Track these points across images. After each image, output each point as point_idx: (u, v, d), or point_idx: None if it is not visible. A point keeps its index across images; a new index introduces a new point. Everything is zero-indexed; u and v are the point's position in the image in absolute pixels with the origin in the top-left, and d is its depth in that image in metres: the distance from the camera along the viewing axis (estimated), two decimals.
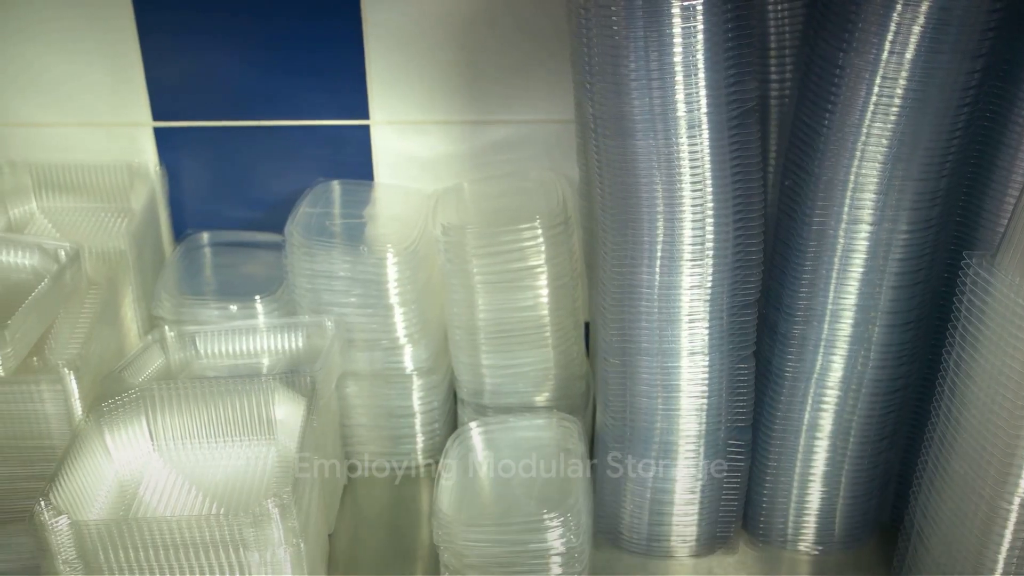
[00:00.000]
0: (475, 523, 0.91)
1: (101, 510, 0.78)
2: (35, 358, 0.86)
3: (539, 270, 0.98)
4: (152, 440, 0.85)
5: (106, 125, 1.09)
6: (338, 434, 1.00)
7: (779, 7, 0.89)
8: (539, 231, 0.96)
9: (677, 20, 0.78)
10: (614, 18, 0.79)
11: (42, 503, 0.70)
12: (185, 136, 1.09)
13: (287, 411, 0.84)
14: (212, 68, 1.06)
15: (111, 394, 0.83)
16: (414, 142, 1.09)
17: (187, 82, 1.07)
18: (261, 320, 1.01)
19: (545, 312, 1.00)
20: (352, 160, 1.10)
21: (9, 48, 1.05)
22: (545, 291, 0.99)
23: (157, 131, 1.09)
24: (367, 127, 1.08)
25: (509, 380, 1.02)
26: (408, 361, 1.03)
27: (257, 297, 1.01)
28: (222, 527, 0.69)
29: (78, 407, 0.84)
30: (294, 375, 0.84)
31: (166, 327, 0.97)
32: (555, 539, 0.88)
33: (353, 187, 1.09)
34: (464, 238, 0.97)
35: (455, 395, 1.08)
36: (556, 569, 0.89)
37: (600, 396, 0.95)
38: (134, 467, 0.83)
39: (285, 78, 1.06)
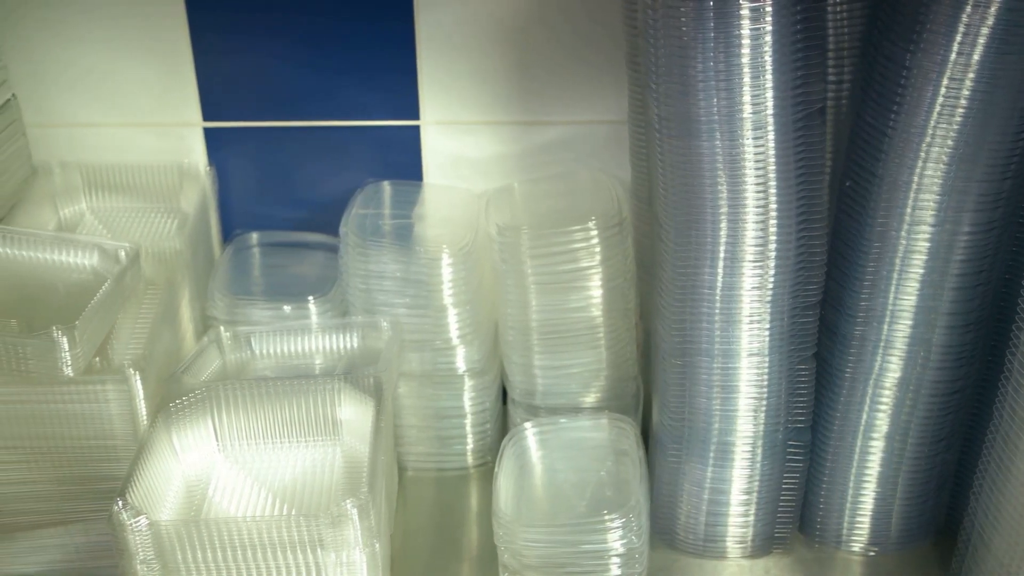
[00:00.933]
0: (536, 523, 0.91)
1: (171, 510, 0.78)
2: (97, 359, 0.86)
3: (594, 271, 0.98)
4: (217, 440, 0.85)
5: (156, 125, 1.09)
6: (393, 435, 1.00)
7: (839, 7, 0.89)
8: (595, 232, 0.96)
9: (746, 21, 0.78)
10: (683, 19, 0.79)
11: (119, 503, 0.70)
12: (234, 136, 1.09)
13: (353, 412, 0.84)
14: (263, 68, 1.06)
15: (176, 395, 0.83)
16: (464, 143, 1.09)
17: (237, 82, 1.07)
18: (314, 321, 1.01)
19: (598, 313, 1.00)
20: (401, 161, 1.10)
21: (60, 49, 1.05)
22: (599, 292, 0.99)
23: (207, 131, 1.09)
24: (417, 128, 1.08)
25: (561, 381, 1.02)
26: (460, 362, 1.03)
27: (310, 298, 1.01)
28: (300, 528, 0.69)
29: (142, 408, 0.84)
30: (361, 375, 0.84)
31: (221, 328, 0.97)
32: (615, 540, 0.89)
33: (403, 187, 1.09)
34: (519, 239, 0.97)
35: (503, 396, 1.08)
36: (615, 570, 0.90)
37: (658, 396, 0.95)
38: (200, 468, 0.83)
39: (336, 78, 1.06)
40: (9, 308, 0.85)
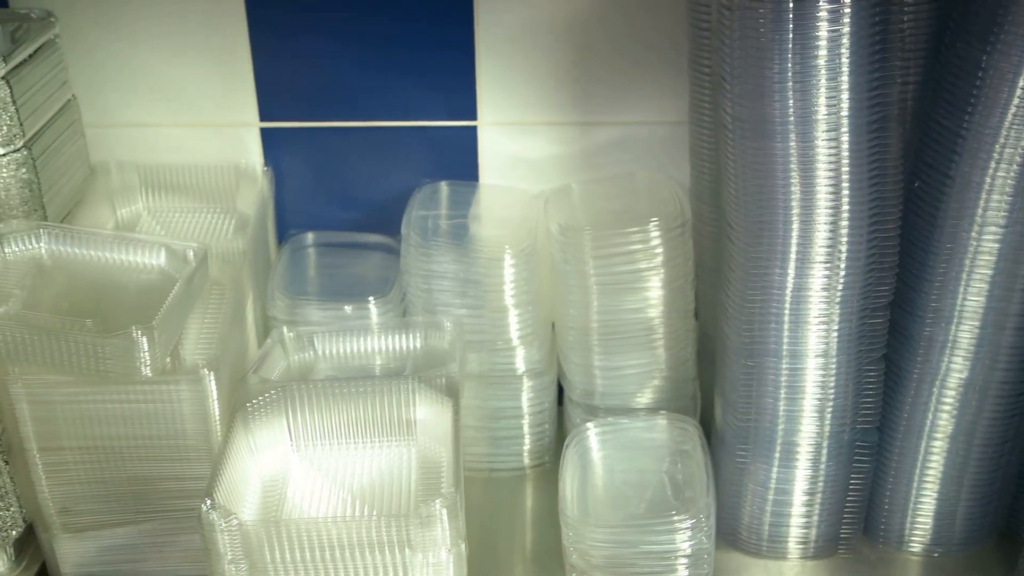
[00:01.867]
0: (605, 524, 0.91)
1: (251, 511, 0.78)
2: (168, 359, 0.85)
3: (655, 272, 0.98)
4: (291, 440, 0.84)
5: (213, 125, 1.09)
6: None
7: (907, 7, 0.89)
8: (658, 233, 0.96)
9: (824, 23, 0.78)
10: (760, 20, 0.79)
11: (208, 503, 0.70)
12: (290, 136, 1.09)
13: (427, 412, 0.84)
14: (321, 68, 1.06)
15: (252, 395, 0.83)
16: (521, 143, 1.09)
17: (295, 82, 1.07)
18: (375, 321, 1.01)
19: (659, 314, 1.00)
20: (457, 161, 1.10)
21: (118, 49, 1.05)
22: (660, 293, 0.99)
23: (263, 131, 1.09)
24: (474, 128, 1.08)
25: (620, 381, 1.02)
26: (520, 362, 1.03)
27: (371, 298, 1.01)
28: (390, 528, 0.69)
29: (216, 408, 0.84)
30: (434, 375, 0.84)
31: (284, 328, 0.97)
32: (684, 541, 0.89)
33: (460, 188, 1.09)
34: (582, 239, 0.97)
35: (559, 396, 1.08)
36: (683, 571, 0.90)
37: (722, 396, 0.95)
38: (275, 468, 0.83)
39: (393, 79, 1.06)
40: (81, 308, 0.85)
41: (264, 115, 1.08)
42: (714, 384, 1.02)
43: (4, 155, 0.90)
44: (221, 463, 0.75)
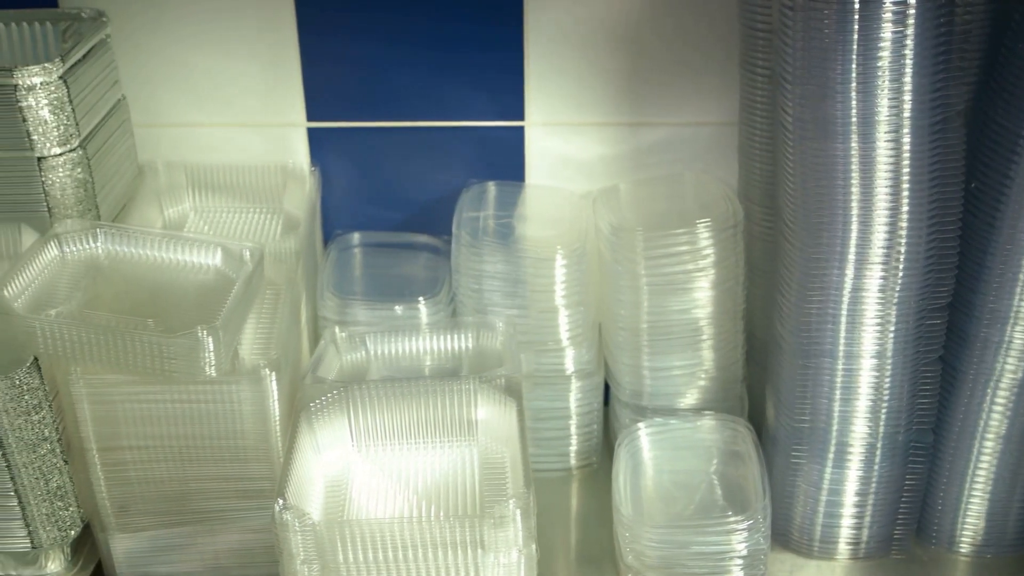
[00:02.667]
0: (661, 524, 0.91)
1: (317, 511, 0.78)
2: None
3: (707, 272, 0.98)
4: (353, 440, 0.84)
5: (260, 126, 1.08)
6: None
7: (969, 8, 0.88)
8: (711, 233, 0.96)
9: (888, 24, 0.78)
10: (825, 21, 0.79)
11: (281, 503, 0.70)
12: (336, 136, 1.09)
13: (488, 412, 0.84)
14: (369, 68, 1.06)
15: (313, 395, 0.83)
16: (568, 144, 1.09)
17: (343, 82, 1.07)
18: (424, 321, 1.01)
19: (709, 315, 0.99)
20: (502, 161, 1.10)
21: (167, 48, 1.05)
22: (711, 293, 0.99)
23: (310, 131, 1.09)
24: (521, 128, 1.08)
25: (669, 382, 1.02)
26: (569, 363, 1.03)
27: (421, 298, 1.01)
28: (464, 528, 0.69)
29: (276, 408, 0.84)
30: (495, 376, 0.84)
31: (336, 328, 0.97)
32: (740, 542, 0.89)
33: (507, 188, 1.09)
34: (634, 239, 0.96)
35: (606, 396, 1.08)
36: (738, 572, 0.90)
37: (776, 397, 0.95)
38: (338, 467, 0.83)
39: (442, 79, 1.06)
40: (140, 307, 0.85)
41: (311, 115, 1.08)
42: (764, 384, 1.02)
43: (60, 155, 0.90)
44: (289, 463, 0.75)
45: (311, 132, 1.09)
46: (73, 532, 0.87)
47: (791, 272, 0.90)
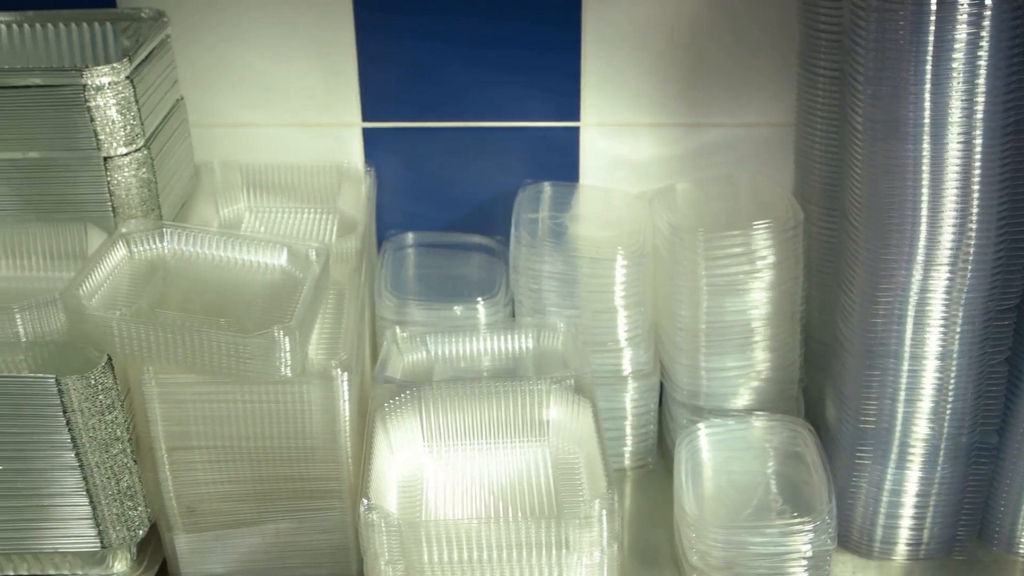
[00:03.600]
0: (729, 525, 0.91)
1: (395, 511, 0.78)
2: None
3: (767, 273, 0.98)
4: (424, 441, 0.84)
5: (315, 126, 1.09)
6: None
7: None
8: (772, 234, 0.96)
9: (963, 26, 0.78)
10: (901, 22, 0.79)
11: (366, 503, 0.70)
12: (391, 136, 1.09)
13: (560, 413, 0.84)
14: (425, 69, 1.06)
15: (387, 395, 0.83)
16: (623, 144, 1.09)
17: (398, 83, 1.07)
18: (483, 321, 1.01)
19: (768, 315, 1.00)
20: (556, 162, 1.10)
21: (225, 49, 1.05)
22: (770, 294, 0.99)
23: (365, 131, 1.09)
24: (577, 129, 1.08)
25: (727, 382, 1.02)
26: (627, 364, 1.03)
27: (479, 299, 1.01)
28: (549, 529, 0.69)
29: (346, 409, 0.84)
30: (568, 376, 0.84)
31: (397, 328, 0.97)
32: (806, 543, 0.89)
33: (562, 189, 1.09)
34: (695, 240, 0.96)
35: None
36: (802, 573, 0.90)
37: (839, 398, 0.95)
38: (410, 468, 0.83)
39: (498, 79, 1.06)
40: (208, 307, 0.85)
41: (367, 115, 1.08)
42: (820, 385, 1.02)
43: (126, 154, 0.90)
44: (369, 464, 0.75)
45: (366, 132, 1.09)
46: (141, 532, 0.87)
47: (856, 272, 0.90)
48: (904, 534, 0.97)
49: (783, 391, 1.04)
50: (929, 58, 0.79)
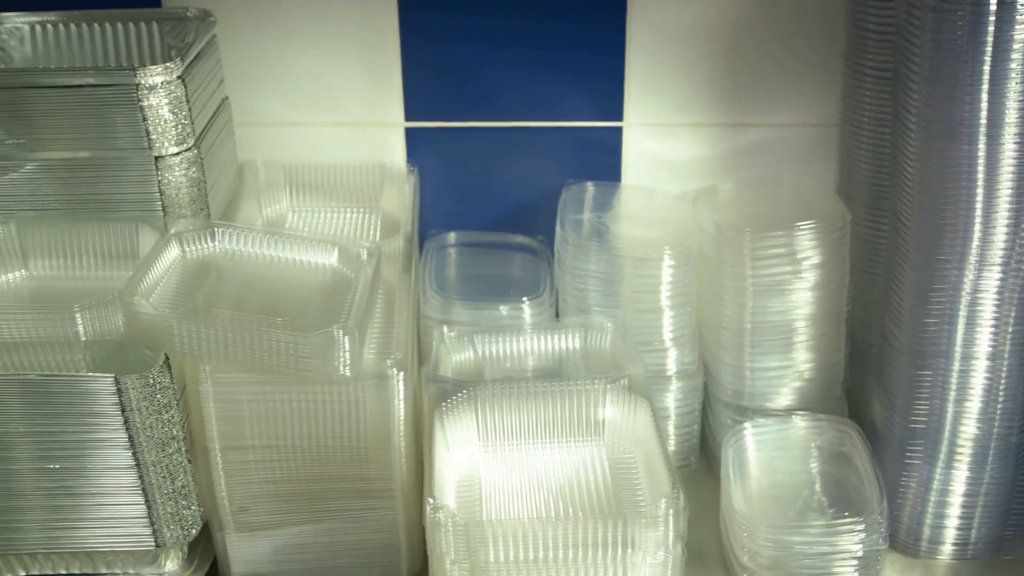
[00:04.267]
0: (781, 525, 0.91)
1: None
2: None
3: (813, 273, 0.98)
4: (480, 440, 0.85)
5: (358, 125, 1.09)
6: None
7: None
8: (819, 234, 0.96)
9: (1022, 27, 0.78)
10: (959, 23, 0.79)
11: (432, 503, 0.70)
12: (433, 136, 1.09)
13: (616, 412, 0.84)
14: (469, 69, 1.06)
15: (443, 395, 0.83)
16: (666, 144, 1.09)
17: (442, 83, 1.07)
18: (528, 321, 1.01)
19: (814, 315, 1.00)
20: (599, 161, 1.10)
21: (271, 49, 1.06)
22: (816, 294, 0.99)
23: (408, 131, 1.09)
24: (620, 129, 1.08)
25: (772, 382, 1.02)
26: (671, 364, 1.03)
27: (525, 299, 1.01)
28: (616, 528, 0.69)
29: (401, 408, 0.84)
30: (623, 376, 0.84)
31: (444, 328, 0.97)
32: (856, 543, 0.89)
33: (605, 188, 1.09)
34: (742, 239, 0.97)
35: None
36: (853, 573, 0.90)
37: (887, 397, 0.95)
38: (466, 467, 0.83)
39: (541, 79, 1.06)
40: (262, 307, 0.85)
41: (409, 115, 1.08)
42: (865, 385, 1.03)
43: (177, 154, 0.90)
44: (431, 464, 0.75)
45: (408, 132, 1.09)
46: (194, 531, 0.87)
47: (907, 273, 0.90)
48: (951, 534, 0.97)
49: (827, 391, 1.04)
50: (987, 59, 0.79)
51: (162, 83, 0.87)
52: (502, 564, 0.70)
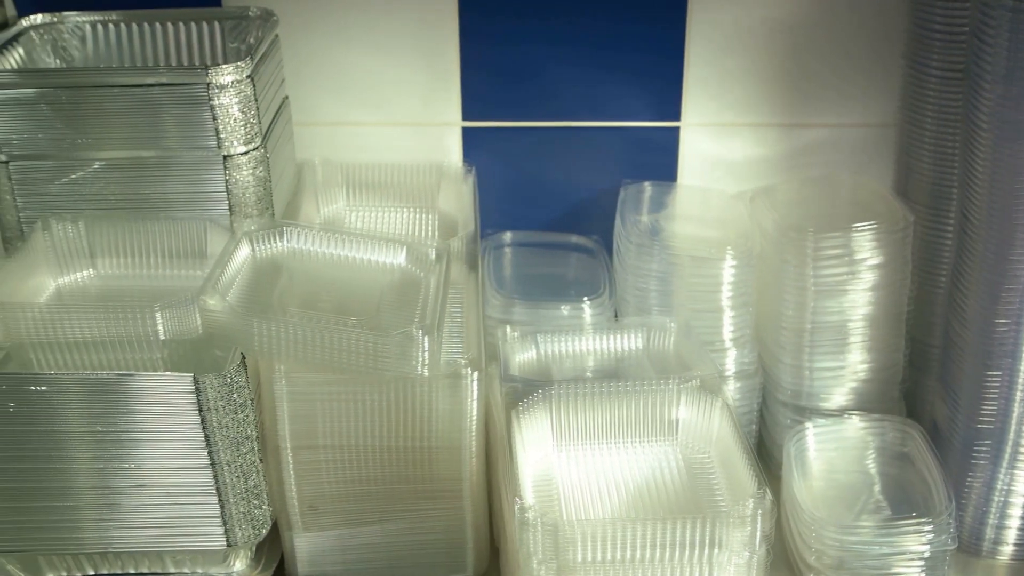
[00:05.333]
0: (847, 524, 0.91)
1: None
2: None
3: (875, 273, 0.98)
4: (554, 440, 0.85)
5: (415, 125, 1.09)
6: None
7: None
8: (881, 234, 0.96)
9: None
10: None
11: (519, 503, 0.70)
12: (490, 136, 1.09)
13: (690, 413, 0.84)
14: (526, 69, 1.06)
15: (519, 394, 0.83)
16: (722, 144, 1.09)
17: (499, 82, 1.07)
18: (588, 321, 1.01)
19: (874, 316, 1.00)
20: (655, 161, 1.10)
21: (329, 49, 1.06)
22: (877, 295, 0.99)
23: (465, 131, 1.09)
24: (677, 129, 1.08)
25: (831, 382, 1.02)
26: (731, 364, 1.03)
27: (586, 298, 1.01)
28: (705, 527, 0.69)
29: (474, 408, 0.84)
30: (695, 377, 0.84)
31: (507, 328, 0.97)
32: (923, 544, 0.89)
33: (662, 188, 1.09)
34: (805, 239, 0.97)
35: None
36: (918, 574, 0.90)
37: (952, 398, 0.95)
38: (541, 467, 0.83)
39: (599, 80, 1.06)
40: (337, 306, 0.85)
41: (467, 115, 1.08)
42: (923, 385, 1.03)
43: (245, 153, 0.90)
44: (512, 463, 0.75)
45: (465, 131, 1.09)
46: (264, 531, 0.87)
47: (975, 272, 0.90)
48: (1013, 534, 0.97)
49: (885, 391, 1.04)
50: None
51: (232, 82, 0.87)
52: (588, 564, 0.70)
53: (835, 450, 1.00)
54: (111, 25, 1.00)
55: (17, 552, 0.86)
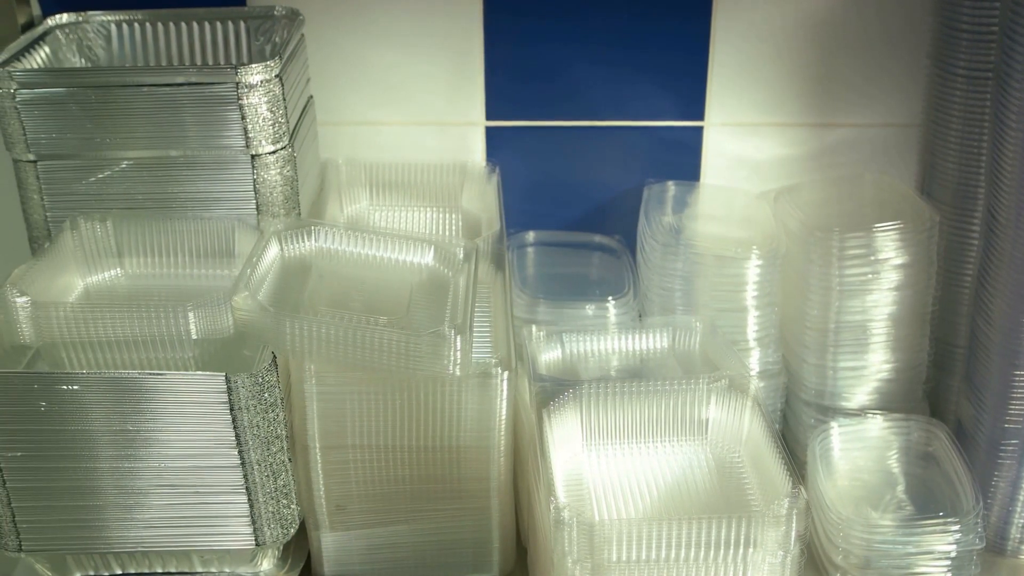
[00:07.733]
0: (876, 524, 0.91)
1: None
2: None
3: (900, 273, 0.98)
4: (583, 439, 0.85)
5: (439, 124, 1.09)
6: None
7: None
8: (907, 235, 0.96)
9: None
10: None
11: (554, 502, 0.70)
12: (513, 135, 1.09)
13: (720, 412, 0.84)
14: (550, 69, 1.06)
15: (550, 393, 0.83)
16: (747, 144, 1.09)
17: (523, 82, 1.07)
18: (612, 321, 1.01)
19: (899, 316, 1.00)
20: (678, 161, 1.10)
21: (352, 48, 1.06)
22: (902, 294, 0.99)
23: (488, 130, 1.09)
24: (700, 128, 1.08)
25: (856, 382, 1.02)
26: (755, 363, 1.03)
27: (610, 298, 1.01)
28: (740, 527, 0.69)
29: (503, 407, 0.84)
30: (724, 376, 0.84)
31: (533, 327, 0.97)
32: (951, 543, 0.89)
33: (686, 188, 1.09)
34: (830, 239, 0.96)
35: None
36: (946, 573, 0.90)
37: (978, 398, 0.95)
38: (570, 466, 0.83)
39: (623, 79, 1.06)
40: (367, 305, 0.85)
41: (491, 114, 1.08)
42: (946, 384, 1.03)
43: (273, 152, 0.90)
44: (545, 463, 0.75)
45: (489, 131, 1.09)
46: (292, 530, 0.87)
47: (1002, 272, 0.90)
48: None
49: (909, 391, 1.04)
50: None
51: (261, 81, 0.87)
52: (624, 564, 0.70)
53: (860, 449, 1.00)
54: (136, 24, 1.00)
55: (46, 551, 0.86)
